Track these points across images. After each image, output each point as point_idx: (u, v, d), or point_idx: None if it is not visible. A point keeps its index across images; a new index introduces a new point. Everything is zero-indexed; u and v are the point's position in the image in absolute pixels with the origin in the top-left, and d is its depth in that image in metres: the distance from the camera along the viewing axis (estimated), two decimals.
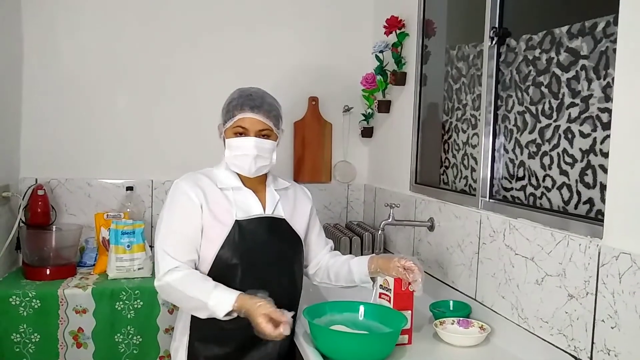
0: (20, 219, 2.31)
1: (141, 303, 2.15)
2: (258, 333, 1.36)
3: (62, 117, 2.53)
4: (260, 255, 1.55)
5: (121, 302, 2.14)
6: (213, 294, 1.43)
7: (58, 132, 2.52)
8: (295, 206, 1.70)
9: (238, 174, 1.62)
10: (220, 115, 1.62)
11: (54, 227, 2.40)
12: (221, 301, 1.41)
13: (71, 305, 2.09)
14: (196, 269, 1.55)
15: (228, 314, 1.42)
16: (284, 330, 1.33)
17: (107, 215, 2.38)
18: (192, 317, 1.56)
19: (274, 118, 1.59)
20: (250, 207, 1.60)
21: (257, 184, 1.64)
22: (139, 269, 2.27)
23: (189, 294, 1.45)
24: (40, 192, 2.36)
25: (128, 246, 2.27)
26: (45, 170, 2.51)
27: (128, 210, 2.47)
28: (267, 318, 1.34)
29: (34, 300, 2.05)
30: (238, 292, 1.43)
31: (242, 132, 1.56)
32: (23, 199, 2.35)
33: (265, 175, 1.68)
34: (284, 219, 1.64)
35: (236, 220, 1.55)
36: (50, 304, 2.07)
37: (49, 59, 2.50)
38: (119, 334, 2.14)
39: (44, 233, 2.32)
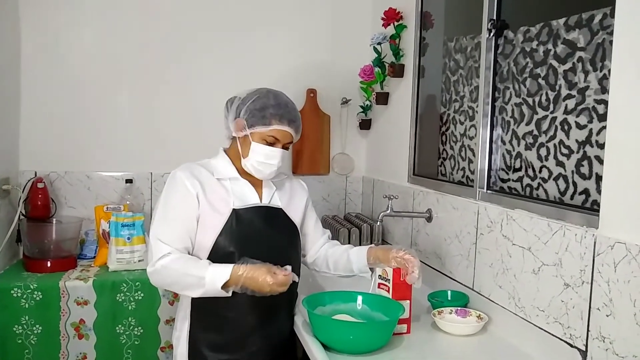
0: (21, 211, 2.32)
1: (142, 294, 2.17)
2: (262, 291, 1.42)
3: (61, 110, 2.53)
4: (257, 244, 1.57)
5: (122, 294, 2.15)
6: (209, 268, 1.45)
7: (57, 125, 2.53)
8: (291, 197, 1.72)
9: (235, 165, 1.63)
10: (245, 114, 1.56)
11: (54, 219, 2.41)
12: (218, 272, 1.44)
13: (72, 297, 2.11)
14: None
15: (225, 289, 1.44)
16: (293, 277, 1.44)
17: (107, 207, 2.39)
18: (192, 306, 1.58)
19: (300, 133, 1.64)
20: (247, 196, 1.61)
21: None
22: (139, 260, 2.29)
23: (185, 270, 1.47)
24: (40, 185, 2.37)
25: (128, 238, 2.28)
26: (44, 163, 2.51)
27: (128, 202, 2.48)
28: (271, 273, 1.41)
29: (36, 292, 2.07)
30: (233, 264, 1.45)
31: (272, 142, 1.58)
32: (23, 192, 2.36)
33: None
34: (280, 209, 1.66)
35: (233, 209, 1.56)
36: (52, 296, 2.09)
37: (48, 51, 2.50)
38: (120, 326, 2.16)
39: (44, 226, 2.33)
